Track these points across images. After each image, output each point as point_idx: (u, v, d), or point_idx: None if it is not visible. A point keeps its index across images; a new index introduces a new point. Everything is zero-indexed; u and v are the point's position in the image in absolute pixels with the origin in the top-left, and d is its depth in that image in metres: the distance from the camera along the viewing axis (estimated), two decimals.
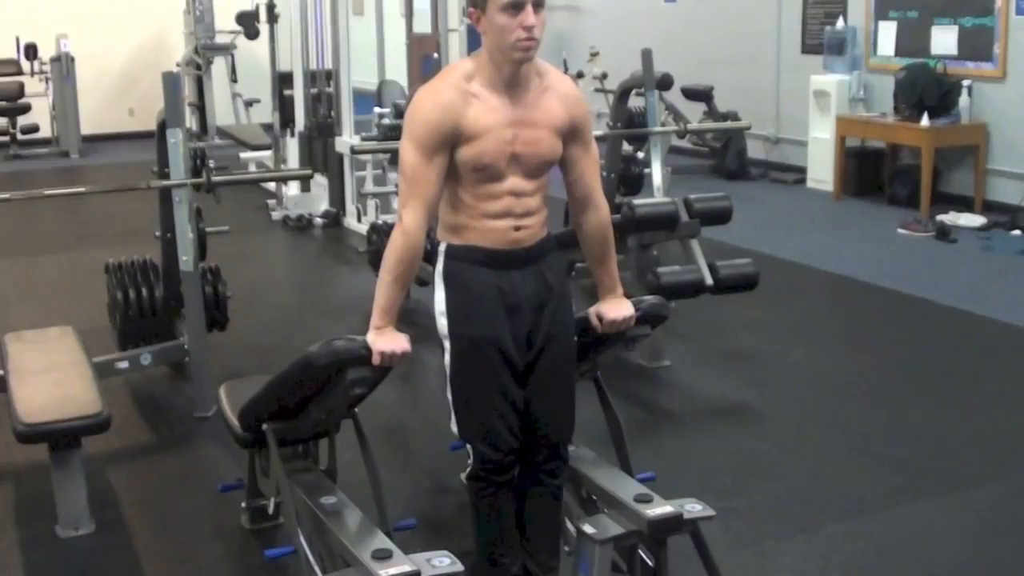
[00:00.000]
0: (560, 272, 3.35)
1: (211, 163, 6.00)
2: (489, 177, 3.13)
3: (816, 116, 10.40)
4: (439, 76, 3.21)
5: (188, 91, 13.44)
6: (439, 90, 3.12)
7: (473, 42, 15.11)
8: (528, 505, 3.33)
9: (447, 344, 3.21)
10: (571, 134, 3.25)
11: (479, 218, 3.17)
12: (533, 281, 3.22)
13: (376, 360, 3.03)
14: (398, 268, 3.10)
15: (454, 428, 3.24)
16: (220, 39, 13.62)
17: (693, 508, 3.21)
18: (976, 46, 9.14)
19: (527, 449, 3.26)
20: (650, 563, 3.34)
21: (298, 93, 9.64)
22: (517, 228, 3.18)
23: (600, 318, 3.38)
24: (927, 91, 9.12)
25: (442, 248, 3.23)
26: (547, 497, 3.35)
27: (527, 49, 3.05)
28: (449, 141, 3.08)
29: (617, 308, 3.40)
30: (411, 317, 5.87)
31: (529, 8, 3.01)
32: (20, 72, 13.68)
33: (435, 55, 10.26)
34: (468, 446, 3.22)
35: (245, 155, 11.07)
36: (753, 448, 4.67)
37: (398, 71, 12.23)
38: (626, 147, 8.36)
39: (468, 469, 3.26)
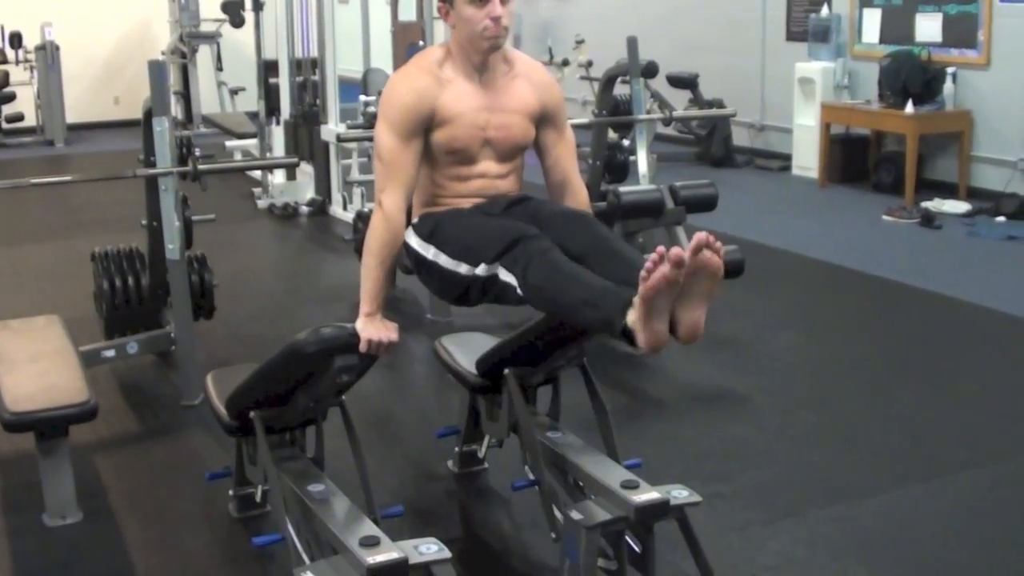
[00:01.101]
0: None
1: (197, 151, 5.98)
2: (462, 160, 3.19)
3: (801, 103, 10.41)
4: (412, 62, 3.27)
5: (173, 79, 13.41)
6: (413, 75, 3.19)
7: None
8: (582, 250, 3.03)
9: (430, 251, 3.19)
10: (544, 119, 3.30)
11: (452, 199, 3.24)
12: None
13: (364, 348, 3.04)
14: (382, 252, 3.12)
15: (482, 272, 3.05)
16: (205, 27, 13.56)
17: (679, 494, 3.22)
18: (960, 33, 9.16)
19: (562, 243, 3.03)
20: (637, 549, 3.35)
21: (283, 81, 9.61)
22: (483, 199, 3.26)
23: None
24: (911, 78, 9.14)
25: (414, 221, 3.30)
26: (612, 249, 3.09)
27: (495, 38, 3.14)
28: (424, 124, 3.13)
29: None
30: (397, 305, 5.88)
31: (496, 2, 3.11)
32: (5, 61, 13.59)
33: (420, 43, 10.21)
34: (501, 269, 3.00)
35: (231, 143, 11.05)
36: (739, 434, 4.69)
37: (383, 59, 12.19)
38: (612, 135, 8.36)
39: (519, 284, 2.98)
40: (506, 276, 2.98)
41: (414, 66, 3.24)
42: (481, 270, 3.05)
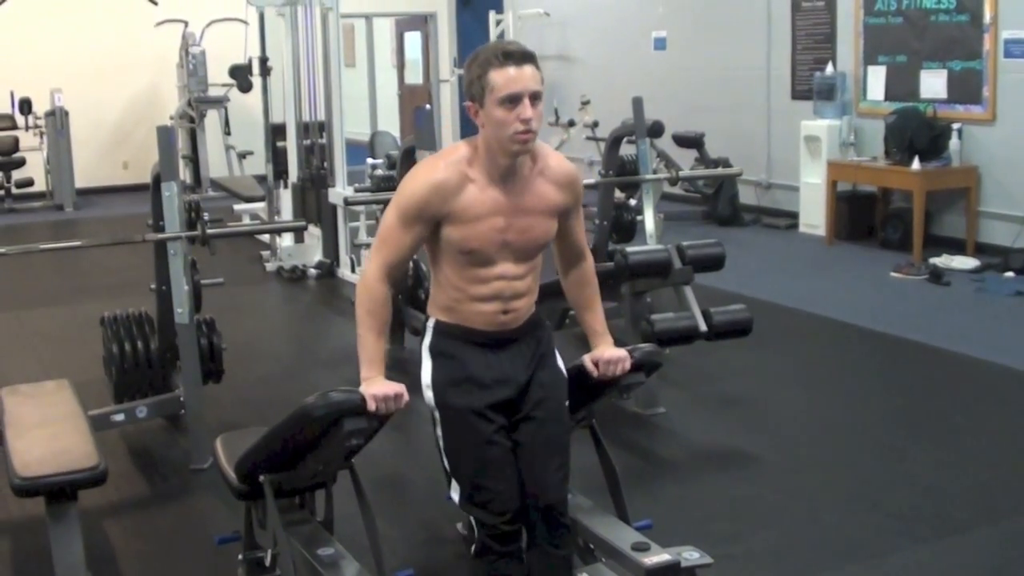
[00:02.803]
0: (548, 341, 3.36)
1: (205, 215, 6.01)
2: (479, 261, 3.15)
3: (807, 161, 10.45)
4: (440, 154, 3.23)
5: (182, 144, 13.49)
6: (437, 168, 3.14)
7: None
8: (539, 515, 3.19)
9: (437, 415, 3.23)
10: (566, 213, 3.28)
11: (467, 301, 3.19)
12: (521, 356, 3.25)
13: (372, 406, 3.02)
14: (368, 319, 3.15)
15: (455, 496, 3.20)
16: (213, 92, 13.69)
17: (691, 556, 3.21)
18: (965, 89, 9.21)
19: (527, 520, 3.20)
20: None
21: (291, 145, 9.68)
22: (505, 312, 3.21)
23: (595, 363, 3.39)
24: (917, 135, 9.18)
25: (430, 324, 3.27)
26: (556, 570, 3.23)
27: (525, 142, 3.07)
28: (433, 218, 3.11)
29: (611, 350, 3.42)
30: (404, 366, 5.87)
31: (526, 101, 3.03)
32: (15, 126, 13.73)
33: (427, 106, 10.31)
34: (472, 519, 3.19)
35: (239, 207, 11.10)
36: (749, 494, 4.67)
37: (390, 122, 12.31)
38: (618, 194, 8.38)
39: (473, 547, 3.20)
40: (471, 521, 3.19)
41: (441, 159, 3.19)
42: (455, 497, 3.20)
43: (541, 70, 3.10)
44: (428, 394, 3.23)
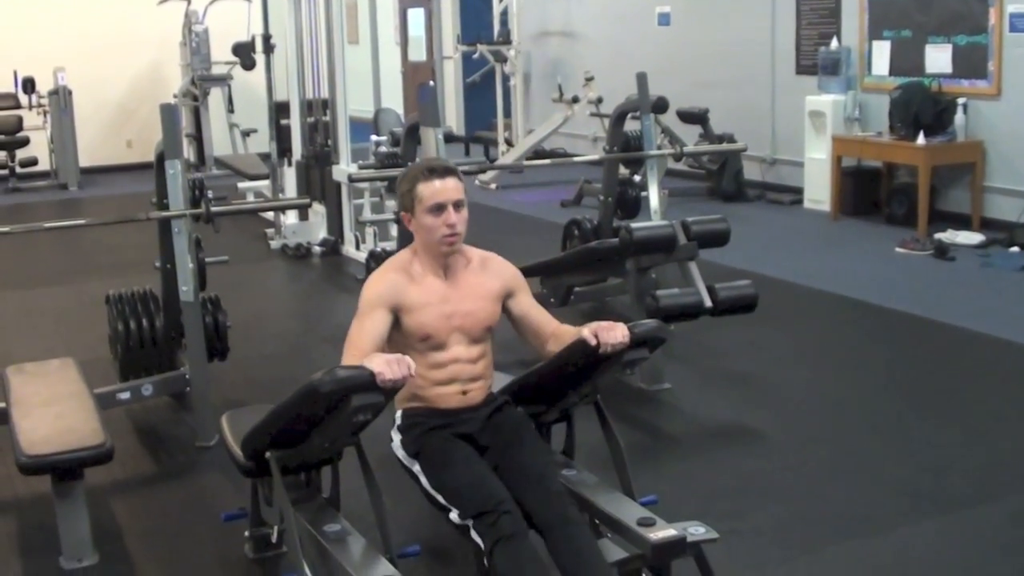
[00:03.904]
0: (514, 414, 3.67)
1: (209, 194, 6.01)
2: (434, 347, 3.51)
3: (812, 136, 10.43)
4: (385, 264, 3.66)
5: (185, 122, 13.48)
6: (386, 270, 3.57)
7: (468, 68, 15.19)
8: (565, 562, 3.17)
9: (415, 467, 3.46)
10: (508, 295, 3.68)
11: (429, 386, 3.52)
12: (481, 414, 3.57)
13: (382, 376, 3.01)
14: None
15: (455, 518, 3.25)
16: (216, 70, 13.67)
17: (696, 531, 3.22)
18: (971, 64, 9.18)
19: (537, 527, 3.23)
20: None
21: (295, 122, 9.66)
22: (465, 392, 3.55)
23: (595, 335, 3.41)
24: (922, 110, 9.15)
25: (398, 415, 3.59)
26: (575, 542, 3.21)
27: (452, 243, 3.51)
28: (391, 306, 3.46)
29: (602, 322, 3.51)
30: None
31: (450, 208, 3.48)
32: (18, 106, 13.70)
33: (431, 82, 10.28)
34: (472, 530, 3.18)
35: (243, 185, 11.09)
36: (755, 469, 4.68)
37: (394, 99, 12.28)
38: (623, 171, 8.38)
39: (485, 554, 3.15)
40: (476, 537, 3.17)
41: (388, 266, 3.59)
42: (455, 517, 3.25)
43: (463, 181, 3.57)
44: (401, 453, 3.52)
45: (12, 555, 4.11)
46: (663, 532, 3.17)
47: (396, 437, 3.56)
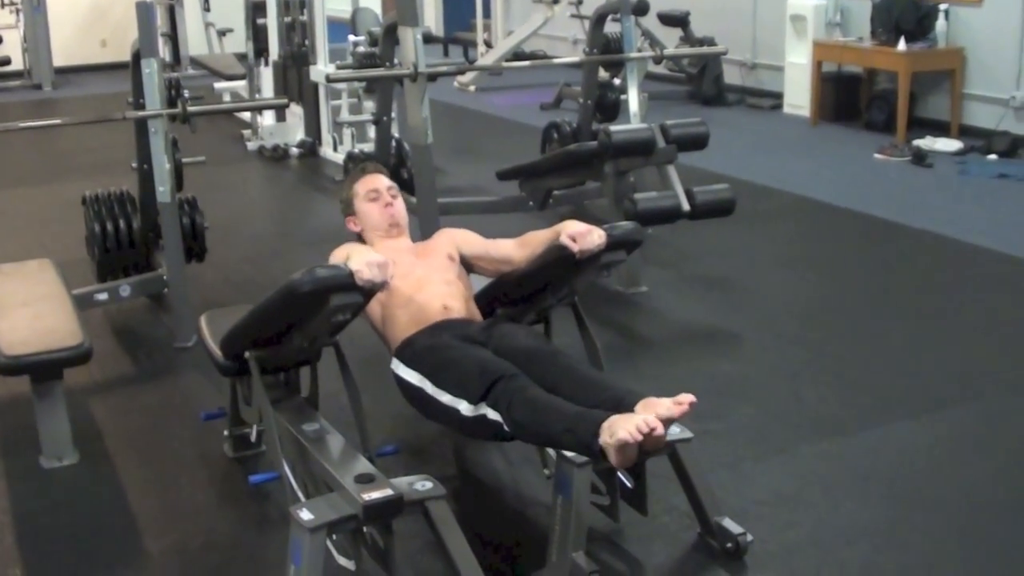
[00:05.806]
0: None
1: (186, 93, 5.97)
2: (411, 287, 3.64)
3: (793, 41, 10.38)
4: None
5: (160, 21, 13.32)
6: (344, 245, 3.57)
7: None
8: (553, 383, 3.21)
9: (416, 378, 3.42)
10: (459, 247, 3.88)
11: (415, 316, 3.58)
12: (478, 327, 3.59)
13: (360, 275, 3.02)
14: None
15: (466, 412, 3.18)
16: None
17: (672, 431, 3.25)
18: None
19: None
20: (629, 485, 3.39)
21: (272, 22, 9.55)
22: (445, 307, 3.61)
23: (572, 239, 3.47)
24: (904, 15, 9.10)
25: (395, 360, 3.57)
26: (555, 360, 3.32)
27: (392, 214, 3.89)
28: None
29: (575, 222, 3.58)
30: None
31: (383, 191, 3.91)
32: None
33: None
34: (487, 409, 3.14)
35: (219, 85, 11.01)
36: (730, 372, 4.72)
37: None
38: (602, 73, 8.34)
39: (503, 419, 3.11)
40: (494, 415, 3.13)
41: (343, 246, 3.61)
42: (468, 410, 3.19)
43: (395, 186, 4.00)
44: (403, 372, 3.49)
45: None
46: None
47: (397, 364, 3.54)
